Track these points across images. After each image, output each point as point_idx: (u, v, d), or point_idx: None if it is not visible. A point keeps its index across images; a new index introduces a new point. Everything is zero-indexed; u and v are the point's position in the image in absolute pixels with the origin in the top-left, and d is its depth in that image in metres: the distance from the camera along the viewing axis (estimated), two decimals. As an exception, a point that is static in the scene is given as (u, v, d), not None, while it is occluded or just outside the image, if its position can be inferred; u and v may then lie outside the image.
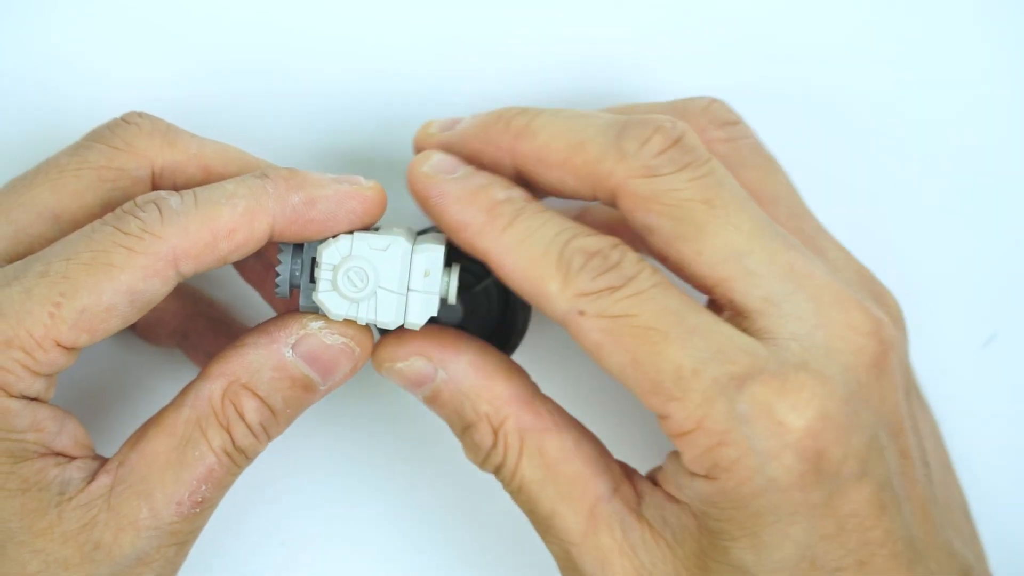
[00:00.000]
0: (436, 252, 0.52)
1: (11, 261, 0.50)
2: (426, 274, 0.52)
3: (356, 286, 0.51)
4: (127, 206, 0.49)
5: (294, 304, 0.56)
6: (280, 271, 0.52)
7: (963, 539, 0.55)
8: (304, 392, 0.52)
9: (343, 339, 0.52)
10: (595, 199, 0.52)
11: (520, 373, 0.52)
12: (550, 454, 0.51)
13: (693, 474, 0.48)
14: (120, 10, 0.61)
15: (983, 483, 0.62)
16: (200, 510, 0.51)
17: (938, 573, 0.51)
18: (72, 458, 0.50)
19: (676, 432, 0.48)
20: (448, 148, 0.53)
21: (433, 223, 0.52)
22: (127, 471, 0.50)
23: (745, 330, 0.49)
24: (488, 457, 0.51)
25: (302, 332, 0.52)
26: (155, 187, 0.52)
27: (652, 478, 0.52)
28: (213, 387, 0.51)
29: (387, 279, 0.51)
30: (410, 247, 0.52)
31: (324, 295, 0.52)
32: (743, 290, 0.49)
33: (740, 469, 0.47)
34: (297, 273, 0.52)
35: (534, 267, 0.49)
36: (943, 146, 0.63)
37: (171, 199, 0.49)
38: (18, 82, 0.61)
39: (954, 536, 0.54)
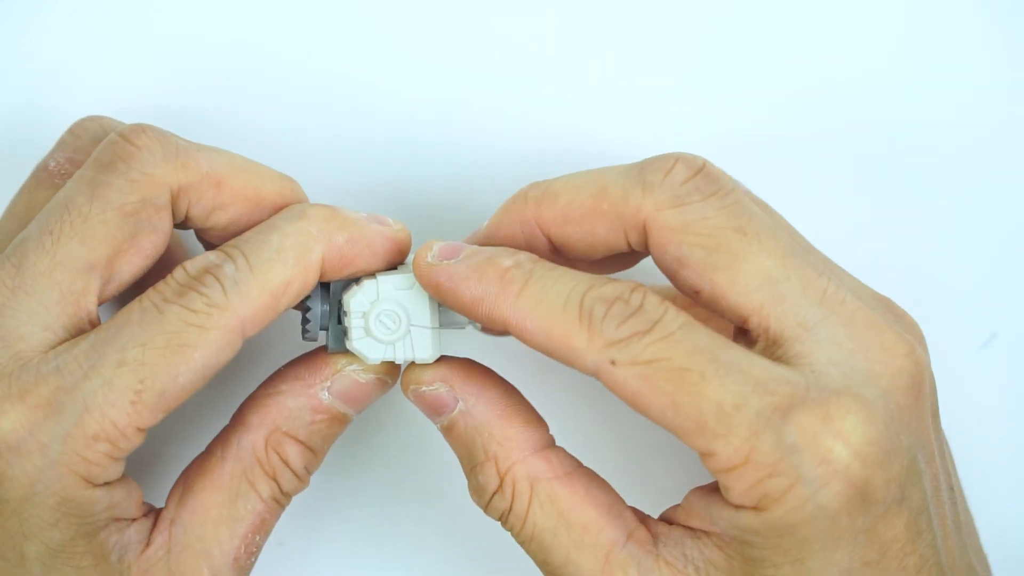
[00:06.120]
0: None
1: (69, 330, 0.50)
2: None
3: (390, 328, 0.52)
4: (183, 277, 0.50)
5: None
6: (311, 316, 0.53)
7: (980, 562, 0.55)
8: (340, 425, 0.53)
9: (376, 375, 0.53)
10: (626, 246, 0.52)
11: (539, 422, 0.52)
12: (562, 502, 0.51)
13: (738, 507, 0.48)
14: (104, 17, 0.61)
15: (983, 483, 0.62)
16: (254, 558, 0.52)
17: None
18: (132, 520, 0.51)
19: (723, 468, 0.47)
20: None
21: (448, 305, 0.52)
22: (181, 531, 0.52)
23: (779, 357, 0.49)
24: (492, 501, 0.51)
25: (336, 375, 0.53)
26: (173, 207, 0.52)
27: (667, 519, 0.51)
28: (255, 438, 0.52)
29: (418, 316, 0.52)
30: None
31: (359, 343, 0.52)
32: (778, 316, 0.49)
33: (791, 499, 0.47)
34: (326, 315, 0.53)
35: (556, 325, 0.49)
36: (942, 146, 0.63)
37: (225, 267, 0.50)
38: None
39: (975, 559, 0.54)
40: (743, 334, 0.51)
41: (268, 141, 0.62)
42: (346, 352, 0.53)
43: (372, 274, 0.53)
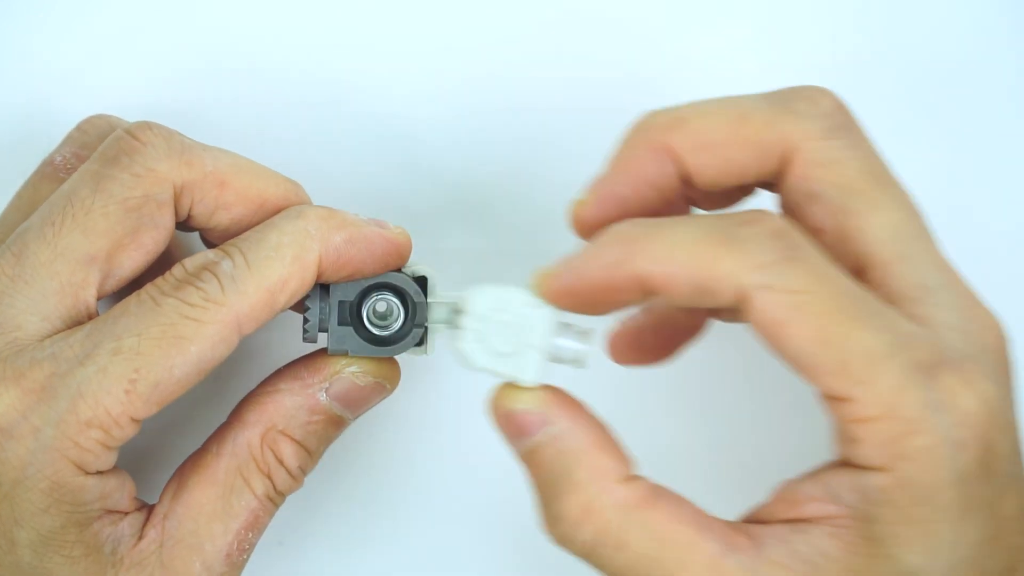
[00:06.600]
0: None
1: (67, 322, 0.51)
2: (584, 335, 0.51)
3: (507, 340, 0.51)
4: (180, 273, 0.50)
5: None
6: (310, 316, 0.53)
7: None
8: (336, 428, 0.54)
9: (375, 379, 0.53)
10: (757, 177, 0.50)
11: (626, 456, 0.49)
12: (655, 526, 0.48)
13: (865, 468, 0.46)
14: (104, 17, 0.62)
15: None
16: (246, 555, 0.52)
17: None
18: (125, 513, 0.52)
19: (858, 417, 0.45)
20: (602, 191, 0.51)
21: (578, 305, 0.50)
22: (174, 524, 0.52)
23: None
24: (574, 532, 0.48)
25: (335, 376, 0.53)
26: (176, 205, 0.52)
27: (758, 519, 0.49)
28: (251, 435, 0.52)
29: (534, 338, 0.51)
30: (554, 309, 0.50)
31: (468, 345, 0.51)
32: (901, 275, 0.48)
33: (930, 459, 0.45)
34: (325, 316, 0.53)
35: (699, 254, 0.46)
36: (944, 146, 0.63)
37: (223, 263, 0.50)
38: (4, 89, 0.62)
39: None
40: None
41: (268, 143, 0.62)
42: (346, 354, 0.53)
43: (502, 283, 0.51)
